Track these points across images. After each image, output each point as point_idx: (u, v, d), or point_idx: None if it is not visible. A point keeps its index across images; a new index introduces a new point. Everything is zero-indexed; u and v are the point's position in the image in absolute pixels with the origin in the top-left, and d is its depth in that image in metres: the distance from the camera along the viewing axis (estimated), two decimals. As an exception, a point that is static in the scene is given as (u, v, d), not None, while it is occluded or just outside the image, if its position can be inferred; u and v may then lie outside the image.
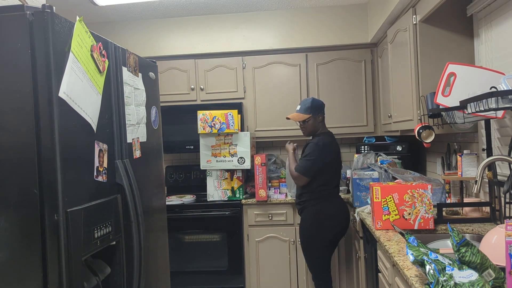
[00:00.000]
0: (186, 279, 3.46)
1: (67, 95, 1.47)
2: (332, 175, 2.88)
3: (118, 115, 1.85)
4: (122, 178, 1.81)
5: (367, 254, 2.64)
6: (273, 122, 3.71)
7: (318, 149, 2.77)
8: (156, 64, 2.37)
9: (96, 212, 1.63)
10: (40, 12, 1.44)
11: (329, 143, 2.83)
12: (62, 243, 1.45)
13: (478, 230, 2.11)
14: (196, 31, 3.76)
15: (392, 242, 1.92)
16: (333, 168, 2.88)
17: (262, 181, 3.39)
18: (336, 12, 3.64)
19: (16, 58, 1.44)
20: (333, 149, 2.85)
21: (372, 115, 3.67)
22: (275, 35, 3.71)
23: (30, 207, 1.44)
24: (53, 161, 1.43)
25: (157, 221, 2.26)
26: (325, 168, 2.81)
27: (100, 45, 1.70)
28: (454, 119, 2.19)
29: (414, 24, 2.52)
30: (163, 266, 2.34)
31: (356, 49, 3.67)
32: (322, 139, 2.83)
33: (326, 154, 2.79)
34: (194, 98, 3.77)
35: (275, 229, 3.44)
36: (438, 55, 2.48)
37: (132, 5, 3.42)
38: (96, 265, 1.72)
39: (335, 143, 2.91)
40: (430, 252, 1.37)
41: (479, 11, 2.34)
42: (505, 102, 1.60)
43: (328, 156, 2.80)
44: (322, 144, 2.79)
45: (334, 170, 2.89)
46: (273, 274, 3.46)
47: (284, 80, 3.71)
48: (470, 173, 2.38)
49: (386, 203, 2.14)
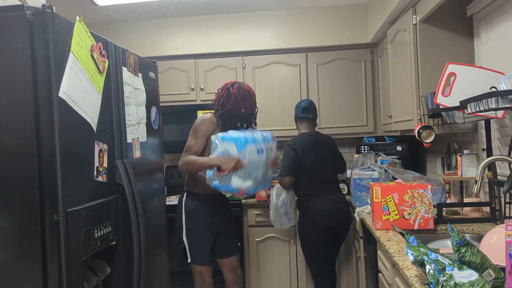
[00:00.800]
0: (186, 279, 3.45)
1: (67, 95, 1.47)
2: (317, 170, 2.91)
3: (118, 115, 1.85)
4: (122, 178, 1.81)
5: (367, 254, 2.64)
6: (273, 122, 3.71)
7: (287, 147, 2.96)
8: (156, 64, 2.37)
9: (96, 212, 1.63)
10: (40, 12, 1.44)
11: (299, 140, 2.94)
12: (62, 243, 1.45)
13: (478, 230, 2.11)
14: (196, 31, 3.76)
15: (392, 242, 1.92)
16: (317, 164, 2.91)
17: (262, 181, 3.39)
18: (336, 12, 3.64)
19: (16, 58, 1.44)
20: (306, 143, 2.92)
21: (372, 115, 3.67)
22: (275, 35, 3.71)
23: (30, 207, 1.44)
24: (53, 161, 1.43)
25: (157, 221, 2.26)
26: (304, 162, 2.88)
27: (100, 45, 1.70)
28: (454, 119, 2.19)
29: (414, 24, 2.52)
30: (163, 266, 2.34)
31: (356, 49, 3.67)
32: (294, 138, 3.00)
33: (294, 149, 2.90)
34: (194, 98, 3.77)
35: (275, 229, 3.43)
36: (438, 55, 2.48)
37: (132, 5, 3.42)
38: (96, 265, 1.72)
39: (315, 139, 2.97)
40: (430, 252, 1.37)
41: (479, 11, 2.33)
42: (505, 102, 1.60)
43: (297, 149, 2.89)
44: (291, 142, 2.96)
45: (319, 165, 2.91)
46: (273, 274, 3.46)
47: (284, 80, 3.71)
48: (470, 173, 2.38)
49: (386, 203, 2.14)
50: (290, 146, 2.94)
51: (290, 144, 2.96)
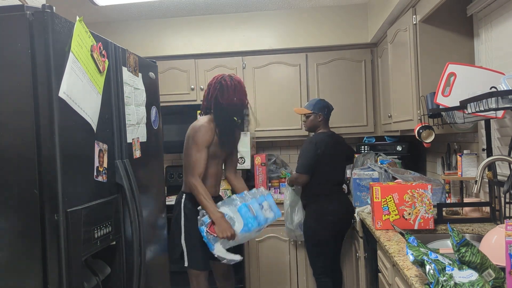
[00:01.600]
0: (186, 279, 3.45)
1: (67, 95, 1.47)
2: (332, 171, 2.95)
3: (118, 115, 1.85)
4: (122, 178, 1.81)
5: (367, 254, 2.64)
6: (273, 122, 3.71)
7: (310, 145, 2.89)
8: (156, 64, 2.37)
9: (96, 212, 1.63)
10: (40, 12, 1.44)
11: (322, 139, 2.92)
12: (62, 243, 1.45)
13: (478, 230, 2.11)
14: (196, 31, 3.76)
15: (392, 242, 1.92)
16: (334, 164, 2.95)
17: (262, 181, 3.39)
18: (336, 12, 3.64)
19: (16, 58, 1.44)
20: (328, 145, 2.92)
21: (372, 115, 3.67)
22: (275, 35, 3.71)
23: (30, 207, 1.44)
24: (53, 161, 1.43)
25: (157, 221, 2.26)
26: (321, 162, 2.87)
27: (100, 45, 1.70)
28: (454, 119, 2.19)
29: (414, 24, 2.52)
30: (163, 266, 2.33)
31: (356, 49, 3.67)
32: (316, 136, 2.96)
33: (318, 148, 2.87)
34: (194, 98, 3.77)
35: (275, 229, 3.44)
36: (438, 55, 2.48)
37: (132, 5, 3.42)
38: (96, 265, 1.72)
39: (334, 140, 2.99)
40: (430, 252, 1.37)
41: (479, 11, 2.33)
42: (505, 102, 1.60)
43: (320, 150, 2.87)
44: (314, 140, 2.91)
45: (336, 166, 2.96)
46: (273, 274, 3.46)
47: (284, 80, 3.71)
48: (470, 173, 2.38)
49: (386, 203, 2.14)
50: (314, 145, 2.89)
51: (313, 141, 2.91)
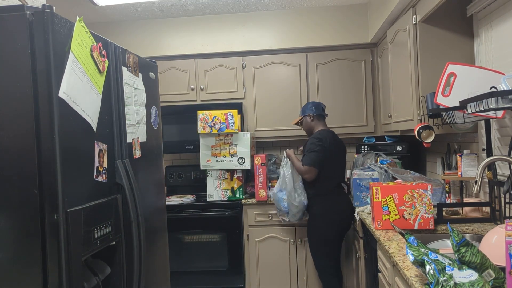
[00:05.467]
0: (186, 279, 3.46)
1: (67, 95, 1.47)
2: (336, 169, 2.99)
3: (118, 115, 1.85)
4: (122, 178, 1.81)
5: (367, 254, 2.64)
6: (273, 122, 3.71)
7: (317, 140, 2.91)
8: (156, 64, 2.37)
9: (96, 212, 1.63)
10: (40, 12, 1.44)
11: (325, 135, 2.95)
12: (62, 243, 1.45)
13: (478, 230, 2.11)
14: (196, 31, 3.76)
15: (392, 242, 1.92)
16: (337, 161, 2.99)
17: (262, 181, 3.39)
18: (336, 12, 3.64)
19: (16, 58, 1.44)
20: (333, 141, 2.96)
21: (372, 115, 3.67)
22: (275, 35, 3.71)
23: (30, 207, 1.44)
24: (53, 161, 1.43)
25: (157, 221, 2.26)
26: (329, 158, 2.91)
27: (100, 45, 1.70)
28: (454, 119, 2.19)
29: (414, 24, 2.52)
30: (163, 266, 2.33)
31: (356, 49, 3.67)
32: (320, 133, 2.98)
33: (324, 143, 2.90)
34: (194, 98, 3.77)
35: (275, 229, 3.44)
36: (438, 55, 2.48)
37: (132, 5, 3.42)
38: (96, 265, 1.72)
39: (337, 138, 3.04)
40: (430, 252, 1.37)
41: (479, 11, 2.33)
42: (505, 102, 1.60)
43: (326, 144, 2.90)
44: (320, 136, 2.94)
45: (339, 164, 3.01)
46: (273, 274, 3.46)
47: (284, 80, 3.71)
48: (470, 173, 2.38)
49: (386, 203, 2.14)
50: (320, 140, 2.91)
51: (318, 137, 2.93)
